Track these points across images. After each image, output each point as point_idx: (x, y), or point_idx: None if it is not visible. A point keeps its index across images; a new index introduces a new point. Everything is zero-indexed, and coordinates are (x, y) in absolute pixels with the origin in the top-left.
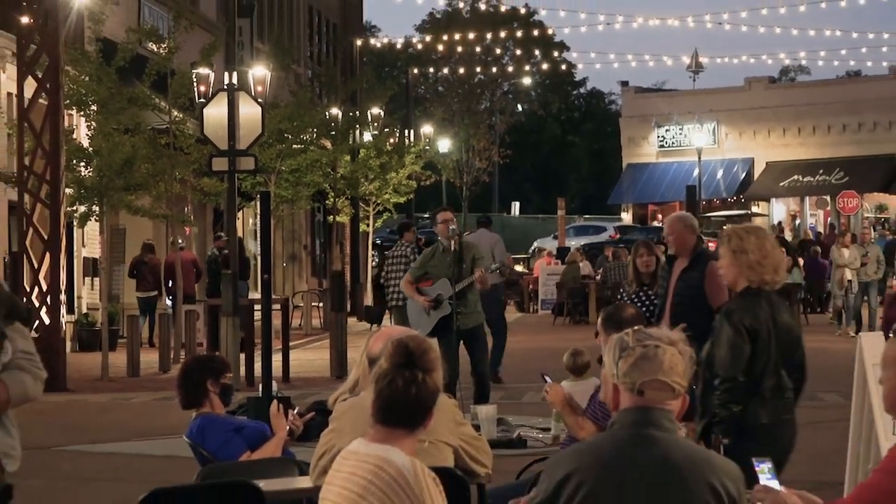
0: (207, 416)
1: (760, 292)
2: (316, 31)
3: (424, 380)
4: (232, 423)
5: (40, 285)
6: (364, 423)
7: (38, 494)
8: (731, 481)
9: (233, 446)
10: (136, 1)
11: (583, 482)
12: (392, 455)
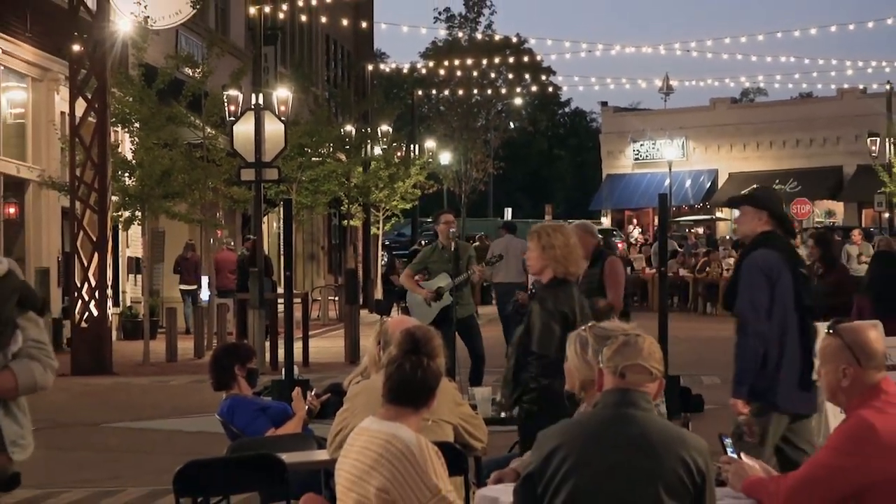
0: (236, 397)
1: (566, 281)
2: (332, 58)
3: (429, 364)
4: (258, 403)
5: (89, 281)
6: (375, 402)
7: (87, 465)
8: (700, 455)
9: (258, 424)
10: (174, 31)
11: (569, 454)
12: (400, 431)
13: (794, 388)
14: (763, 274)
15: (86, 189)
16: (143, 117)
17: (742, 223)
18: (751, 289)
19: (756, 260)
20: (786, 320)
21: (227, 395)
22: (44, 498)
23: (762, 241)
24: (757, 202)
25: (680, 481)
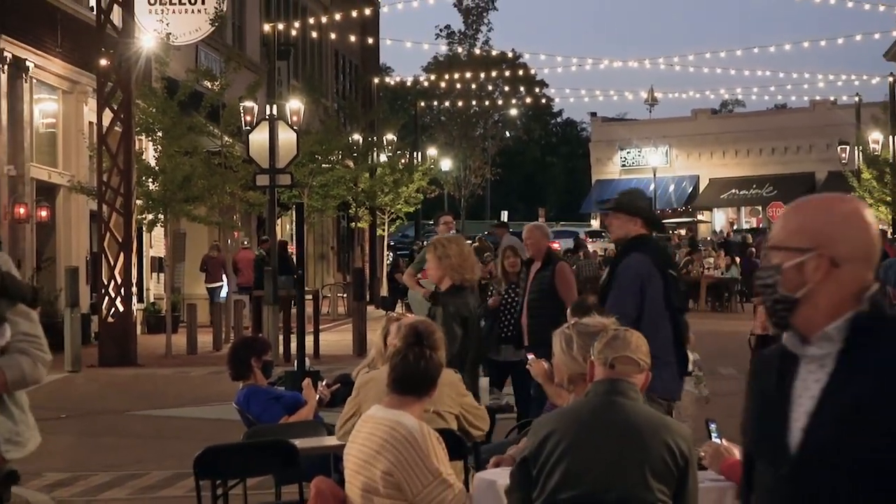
0: (252, 387)
1: (463, 288)
2: (341, 71)
3: (431, 356)
4: (272, 392)
5: (115, 279)
6: (381, 392)
7: (113, 450)
8: (683, 440)
9: (273, 411)
10: (194, 47)
11: (562, 439)
12: (403, 419)
13: (669, 379)
14: (636, 279)
15: (112, 193)
16: (166, 127)
17: (615, 227)
18: (622, 292)
19: (631, 265)
20: (658, 319)
21: (243, 385)
22: (73, 481)
23: (636, 244)
24: (630, 209)
25: (665, 465)
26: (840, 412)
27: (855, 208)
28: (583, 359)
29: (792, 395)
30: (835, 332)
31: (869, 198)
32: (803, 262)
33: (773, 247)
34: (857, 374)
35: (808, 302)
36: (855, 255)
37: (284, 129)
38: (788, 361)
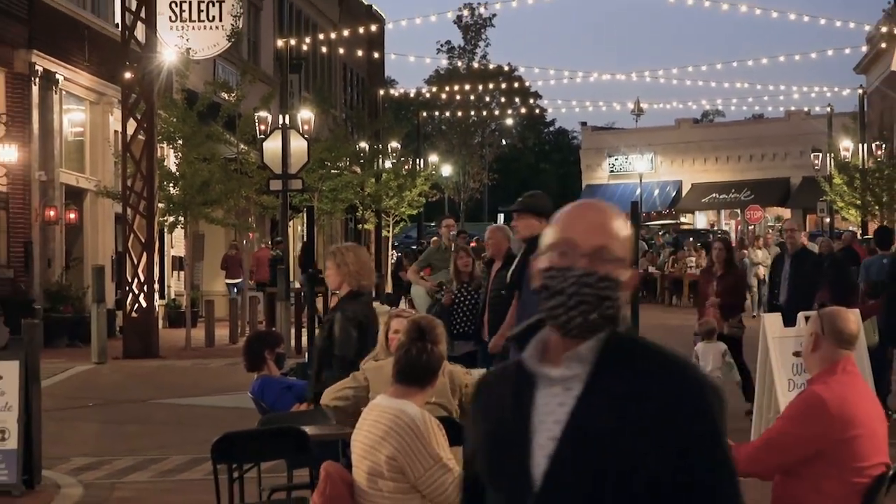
0: (266, 378)
1: (360, 293)
2: (348, 84)
3: (432, 349)
4: (284, 382)
5: (139, 277)
6: (385, 382)
7: (136, 436)
8: None
9: (285, 400)
10: (212, 61)
11: None
12: (407, 407)
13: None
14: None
15: (136, 197)
16: (186, 135)
17: (521, 228)
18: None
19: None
20: None
21: (258, 376)
22: (98, 465)
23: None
24: (534, 209)
25: None
26: (589, 438)
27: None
28: None
29: (533, 420)
30: (587, 352)
31: (840, 201)
32: (630, 277)
33: (607, 258)
34: (609, 398)
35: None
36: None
37: (296, 138)
38: (526, 382)
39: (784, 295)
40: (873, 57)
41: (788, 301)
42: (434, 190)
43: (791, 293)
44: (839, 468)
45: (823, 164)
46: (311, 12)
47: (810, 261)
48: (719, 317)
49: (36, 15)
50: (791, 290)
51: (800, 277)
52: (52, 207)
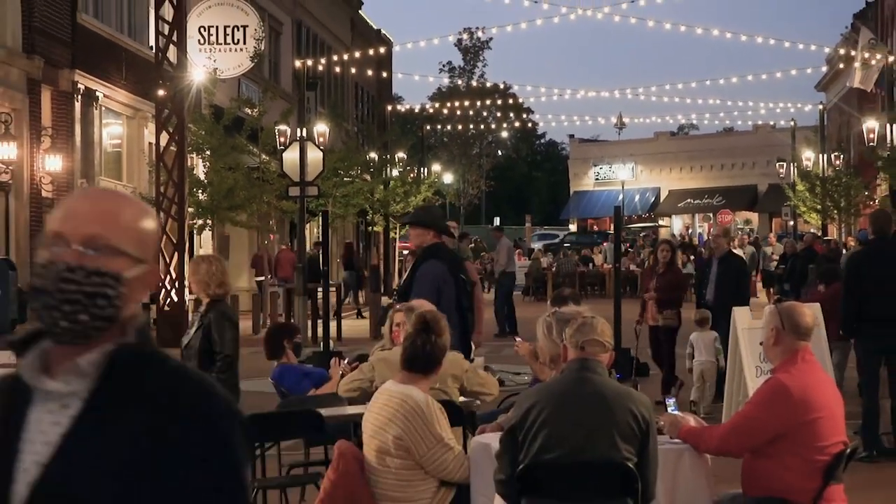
0: (285, 365)
1: (220, 299)
2: (359, 100)
3: (436, 340)
4: (302, 369)
5: (171, 275)
6: (393, 369)
7: None
8: (645, 409)
9: (302, 386)
10: (237, 80)
11: (543, 409)
12: (413, 392)
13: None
14: (435, 281)
15: (168, 202)
16: (213, 146)
17: (414, 237)
18: (422, 290)
19: (430, 269)
20: (451, 316)
21: (277, 363)
22: None
23: (431, 252)
24: (423, 221)
25: (630, 428)
26: (79, 468)
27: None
28: (562, 341)
29: (22, 439)
30: (88, 365)
31: (802, 206)
32: (144, 274)
33: (102, 249)
34: (108, 422)
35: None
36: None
37: (312, 149)
38: (21, 395)
39: (711, 294)
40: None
41: (715, 300)
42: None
43: (717, 293)
44: (802, 447)
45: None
46: (325, 36)
47: (734, 263)
48: (655, 309)
49: (78, 38)
50: (717, 289)
51: (725, 278)
52: None
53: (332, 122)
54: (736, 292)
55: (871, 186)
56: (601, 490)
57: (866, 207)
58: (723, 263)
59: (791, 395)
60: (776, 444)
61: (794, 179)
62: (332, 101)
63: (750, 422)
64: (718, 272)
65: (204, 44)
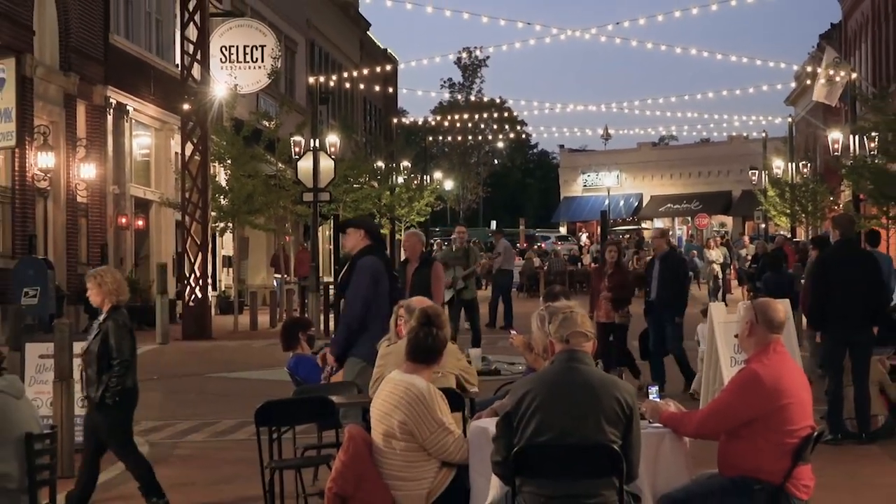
0: (299, 356)
1: (120, 306)
2: (367, 113)
3: (437, 333)
4: (315, 360)
5: (195, 273)
6: (399, 360)
7: (194, 403)
8: (629, 395)
9: (315, 375)
10: (256, 95)
11: (535, 396)
12: (416, 381)
13: (373, 352)
14: (371, 275)
15: (192, 207)
16: (233, 156)
17: (349, 240)
18: (359, 285)
19: (367, 264)
20: (383, 306)
21: (293, 354)
22: (163, 427)
23: (368, 251)
24: (359, 225)
25: (615, 413)
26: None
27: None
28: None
29: None
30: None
31: (773, 210)
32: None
33: None
34: None
35: None
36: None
37: (325, 158)
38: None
39: (654, 292)
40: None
41: (658, 296)
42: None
43: (659, 289)
44: (773, 431)
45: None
46: (336, 55)
47: (674, 262)
48: (609, 308)
49: (111, 57)
50: (660, 286)
51: (666, 275)
52: (124, 215)
53: (343, 134)
54: (676, 289)
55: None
56: (589, 470)
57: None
58: (663, 262)
59: (763, 383)
60: (749, 427)
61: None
62: (343, 115)
63: (725, 407)
64: (660, 270)
65: (225, 62)
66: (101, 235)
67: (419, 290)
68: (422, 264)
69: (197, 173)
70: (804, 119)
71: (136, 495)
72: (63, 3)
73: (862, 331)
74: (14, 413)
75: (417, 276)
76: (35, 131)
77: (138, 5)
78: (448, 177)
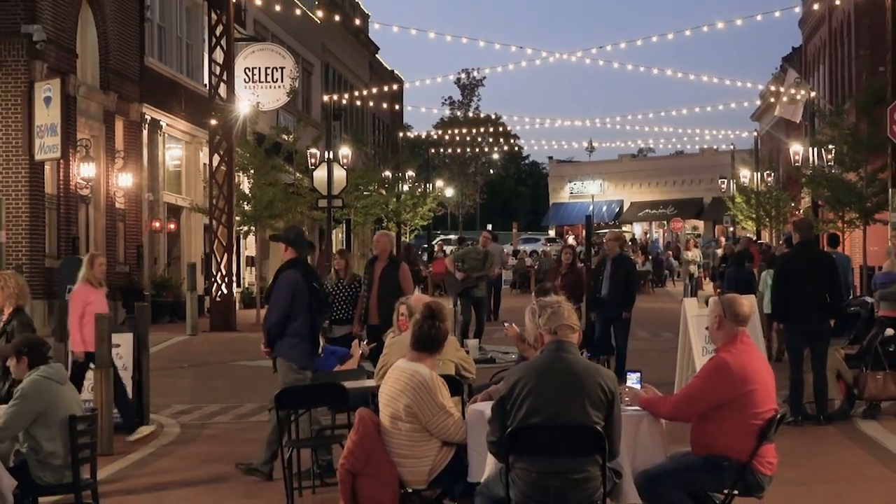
0: None
1: (21, 309)
2: (376, 128)
3: (439, 326)
4: (329, 349)
5: (221, 271)
6: (402, 350)
7: (220, 389)
8: (611, 381)
9: (329, 362)
10: (276, 111)
11: (527, 383)
12: (420, 369)
13: (305, 354)
14: (289, 287)
15: (219, 212)
16: (256, 166)
17: (281, 251)
18: (278, 297)
19: (286, 278)
20: (302, 315)
21: None
22: (192, 410)
23: (289, 265)
24: (286, 240)
25: (598, 397)
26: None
27: None
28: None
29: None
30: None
31: (740, 215)
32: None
33: None
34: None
35: None
36: None
37: (338, 168)
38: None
39: (605, 289)
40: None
41: (608, 294)
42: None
43: (610, 288)
44: (740, 413)
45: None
46: (348, 75)
47: (625, 264)
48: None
49: (145, 77)
50: (610, 285)
51: (617, 275)
52: (157, 220)
53: (354, 147)
54: (625, 288)
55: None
56: (575, 449)
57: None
58: (615, 263)
59: (731, 371)
60: (719, 410)
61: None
62: (354, 129)
63: (697, 392)
64: (612, 271)
65: (249, 82)
66: (137, 238)
67: (386, 287)
68: (390, 263)
69: (223, 182)
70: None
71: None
72: (103, 29)
73: (820, 323)
74: (59, 398)
75: (385, 274)
76: (78, 144)
77: (170, 31)
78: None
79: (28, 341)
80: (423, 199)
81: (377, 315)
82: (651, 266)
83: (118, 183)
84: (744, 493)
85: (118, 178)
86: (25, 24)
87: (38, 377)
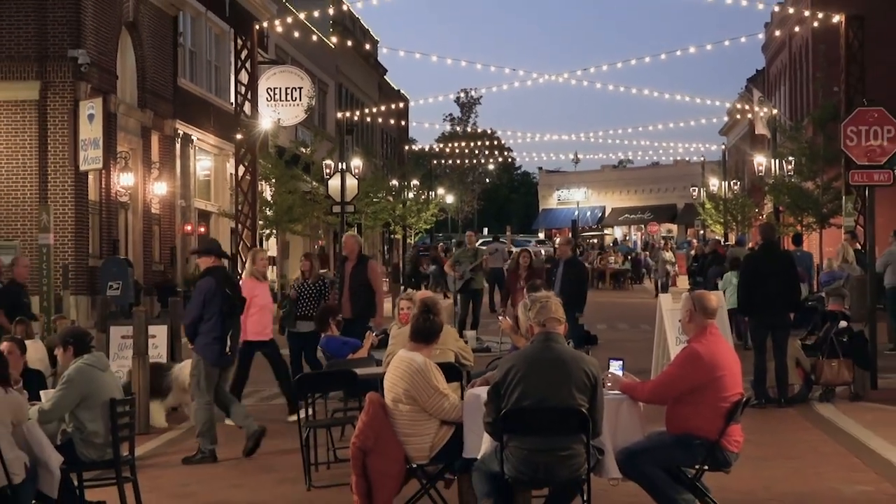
0: (330, 336)
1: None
2: (384, 141)
3: (434, 319)
4: (342, 339)
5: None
6: (405, 341)
7: None
8: (595, 368)
9: (343, 351)
10: (295, 127)
11: (518, 370)
12: (415, 357)
13: (218, 352)
14: (201, 294)
15: (244, 217)
16: (277, 176)
17: (201, 263)
18: (193, 302)
19: (201, 285)
20: (214, 319)
21: (324, 335)
22: None
23: (208, 272)
24: (207, 251)
25: (583, 383)
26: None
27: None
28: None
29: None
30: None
31: (710, 220)
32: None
33: None
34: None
35: None
36: None
37: (350, 178)
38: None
39: (557, 289)
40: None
41: (560, 293)
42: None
43: (563, 288)
44: (710, 397)
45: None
46: (359, 94)
47: (576, 267)
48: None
49: (178, 96)
50: (563, 286)
51: (569, 277)
52: (189, 224)
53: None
54: (577, 288)
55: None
56: (562, 428)
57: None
58: (567, 266)
59: (702, 359)
60: (691, 394)
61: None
62: (364, 143)
63: (672, 378)
64: (564, 273)
65: (270, 100)
66: (171, 240)
67: (356, 284)
68: (359, 262)
69: (247, 190)
70: (735, 146)
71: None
72: (140, 53)
73: (781, 316)
74: (101, 383)
75: (355, 273)
76: (118, 156)
77: (201, 55)
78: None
79: (73, 332)
80: (427, 206)
81: (350, 309)
82: (630, 265)
83: (154, 191)
84: (713, 468)
85: (154, 187)
86: (71, 48)
87: (82, 364)
